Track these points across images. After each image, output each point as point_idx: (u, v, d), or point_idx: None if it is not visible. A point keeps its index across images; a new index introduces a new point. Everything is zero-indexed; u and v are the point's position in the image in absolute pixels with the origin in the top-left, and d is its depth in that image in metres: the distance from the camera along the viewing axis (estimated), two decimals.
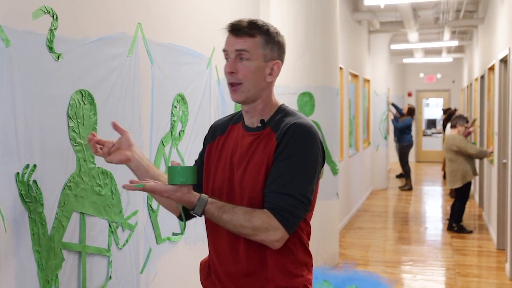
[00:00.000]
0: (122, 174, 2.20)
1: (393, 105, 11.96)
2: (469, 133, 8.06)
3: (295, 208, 1.67)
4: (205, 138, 1.96)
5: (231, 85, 1.75)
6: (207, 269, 1.92)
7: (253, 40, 1.72)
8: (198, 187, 1.87)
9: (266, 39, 1.74)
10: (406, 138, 11.10)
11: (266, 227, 1.65)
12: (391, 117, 11.72)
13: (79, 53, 1.91)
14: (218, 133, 1.90)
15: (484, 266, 5.93)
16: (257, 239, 1.69)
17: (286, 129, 1.71)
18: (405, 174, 11.08)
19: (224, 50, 1.76)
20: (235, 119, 1.89)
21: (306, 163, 1.70)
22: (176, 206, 1.90)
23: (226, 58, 1.76)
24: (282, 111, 1.81)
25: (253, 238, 1.69)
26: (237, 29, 1.72)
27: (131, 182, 1.64)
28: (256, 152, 1.75)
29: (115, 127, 1.81)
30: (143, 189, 1.63)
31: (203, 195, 1.67)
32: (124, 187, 1.63)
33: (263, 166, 1.72)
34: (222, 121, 1.94)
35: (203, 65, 2.94)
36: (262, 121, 1.79)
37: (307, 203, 1.69)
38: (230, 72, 1.73)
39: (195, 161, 1.99)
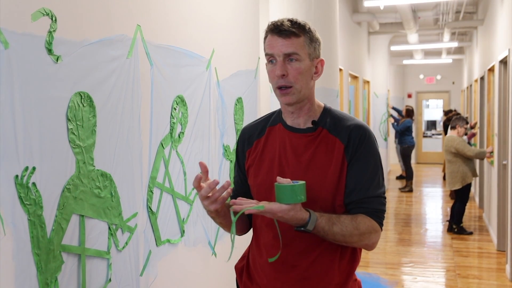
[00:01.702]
0: (121, 176, 2.20)
1: (394, 108, 11.97)
2: (473, 135, 8.08)
3: (383, 206, 1.75)
4: (238, 147, 1.94)
5: (281, 88, 1.72)
6: (247, 274, 1.92)
7: (299, 40, 1.70)
8: (244, 195, 1.89)
9: (310, 37, 1.73)
10: (407, 139, 11.10)
11: (370, 231, 1.70)
12: (392, 121, 11.74)
13: (78, 55, 1.90)
14: (254, 137, 1.88)
15: (484, 267, 5.93)
16: (359, 245, 1.73)
17: (351, 131, 1.74)
18: (407, 176, 11.07)
19: (269, 54, 1.72)
20: (272, 121, 1.87)
21: (379, 163, 1.78)
22: (243, 225, 1.89)
23: (270, 61, 1.73)
24: (330, 112, 1.82)
25: (356, 244, 1.73)
26: (283, 30, 1.69)
27: (236, 204, 1.61)
28: (316, 153, 1.74)
29: (203, 169, 1.72)
30: (263, 211, 1.59)
31: (310, 210, 1.64)
32: (246, 213, 1.59)
33: (329, 167, 1.72)
34: (254, 126, 1.92)
35: (202, 67, 2.93)
36: (314, 122, 1.77)
37: (385, 198, 1.79)
38: (282, 75, 1.69)
39: (236, 174, 1.96)
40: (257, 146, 1.86)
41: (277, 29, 1.70)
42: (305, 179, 1.70)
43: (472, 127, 8.88)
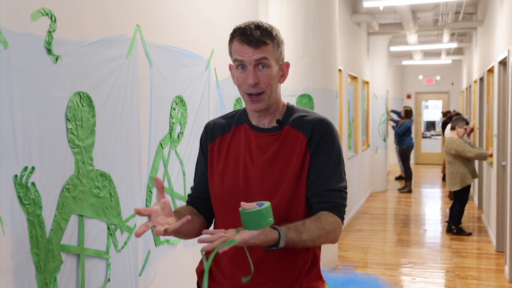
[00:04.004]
0: (120, 176, 2.20)
1: (393, 111, 11.96)
2: (472, 130, 8.08)
3: (344, 201, 1.76)
4: (202, 140, 1.92)
5: (252, 95, 1.72)
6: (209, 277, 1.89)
7: (268, 47, 1.71)
8: (203, 191, 1.87)
9: (277, 42, 1.75)
10: (406, 140, 11.10)
11: (334, 228, 1.71)
12: (392, 124, 11.75)
13: (77, 55, 1.90)
14: (217, 133, 1.87)
15: (483, 268, 5.93)
16: (325, 243, 1.73)
17: (313, 125, 1.77)
18: (406, 176, 11.07)
19: (238, 60, 1.72)
20: (236, 120, 1.87)
21: (340, 156, 1.79)
22: (190, 235, 1.81)
23: (239, 67, 1.73)
24: (293, 110, 1.84)
25: (323, 243, 1.73)
26: (253, 40, 1.69)
27: (205, 241, 1.53)
28: (281, 148, 1.76)
29: (158, 186, 1.65)
30: (236, 244, 1.52)
31: (277, 226, 1.59)
32: (220, 252, 1.49)
33: (292, 160, 1.74)
34: (220, 121, 1.91)
35: (201, 67, 2.94)
36: (278, 121, 1.79)
37: (347, 193, 1.80)
38: (254, 84, 1.70)
39: (199, 163, 1.93)
40: (221, 143, 1.86)
41: (246, 38, 1.70)
42: (270, 173, 1.73)
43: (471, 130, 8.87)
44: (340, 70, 7.35)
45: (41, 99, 1.73)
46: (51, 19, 1.77)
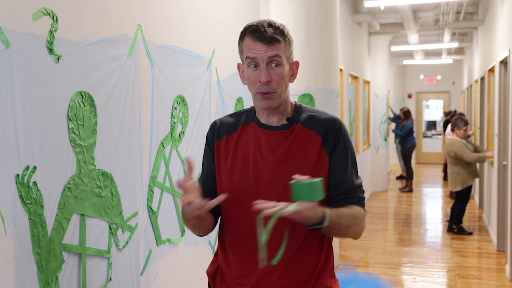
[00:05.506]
0: (122, 176, 2.20)
1: (392, 118, 11.93)
2: (469, 136, 8.09)
3: (364, 195, 1.83)
4: (208, 137, 1.92)
5: (263, 93, 1.73)
6: (220, 276, 1.89)
7: (280, 45, 1.71)
8: (210, 188, 1.86)
9: (288, 41, 1.75)
10: (409, 140, 11.10)
11: (362, 219, 1.78)
12: (392, 127, 11.76)
13: (79, 54, 1.91)
14: (224, 132, 1.86)
15: (484, 267, 5.93)
16: (353, 234, 1.79)
17: (327, 124, 1.79)
18: (408, 176, 11.07)
19: (251, 58, 1.71)
20: (244, 119, 1.87)
21: (354, 153, 1.84)
22: (206, 226, 1.81)
23: (251, 65, 1.72)
24: (302, 109, 1.85)
25: (350, 234, 1.79)
26: (266, 37, 1.69)
27: (265, 208, 1.53)
28: (293, 146, 1.76)
29: (189, 166, 1.67)
30: (295, 212, 1.53)
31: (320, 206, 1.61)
32: (284, 215, 1.52)
33: (305, 159, 1.75)
34: (227, 120, 1.90)
35: (203, 67, 2.94)
36: (289, 118, 1.80)
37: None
38: (267, 81, 1.70)
39: (205, 161, 1.91)
40: (228, 141, 1.84)
41: (260, 35, 1.69)
42: (282, 171, 1.72)
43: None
44: (341, 70, 7.35)
45: (43, 99, 1.74)
46: (53, 18, 1.77)
